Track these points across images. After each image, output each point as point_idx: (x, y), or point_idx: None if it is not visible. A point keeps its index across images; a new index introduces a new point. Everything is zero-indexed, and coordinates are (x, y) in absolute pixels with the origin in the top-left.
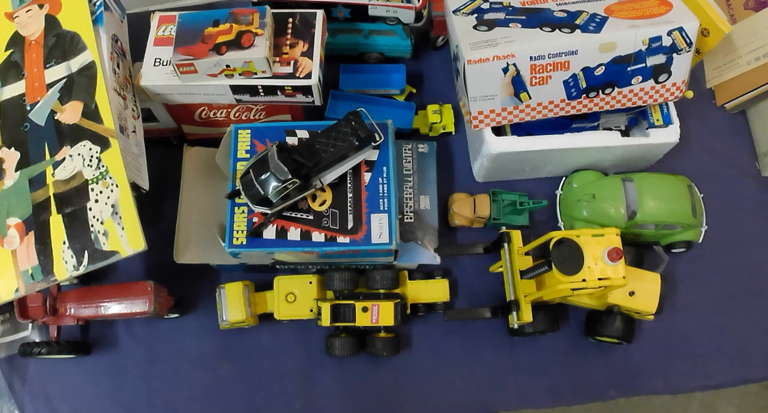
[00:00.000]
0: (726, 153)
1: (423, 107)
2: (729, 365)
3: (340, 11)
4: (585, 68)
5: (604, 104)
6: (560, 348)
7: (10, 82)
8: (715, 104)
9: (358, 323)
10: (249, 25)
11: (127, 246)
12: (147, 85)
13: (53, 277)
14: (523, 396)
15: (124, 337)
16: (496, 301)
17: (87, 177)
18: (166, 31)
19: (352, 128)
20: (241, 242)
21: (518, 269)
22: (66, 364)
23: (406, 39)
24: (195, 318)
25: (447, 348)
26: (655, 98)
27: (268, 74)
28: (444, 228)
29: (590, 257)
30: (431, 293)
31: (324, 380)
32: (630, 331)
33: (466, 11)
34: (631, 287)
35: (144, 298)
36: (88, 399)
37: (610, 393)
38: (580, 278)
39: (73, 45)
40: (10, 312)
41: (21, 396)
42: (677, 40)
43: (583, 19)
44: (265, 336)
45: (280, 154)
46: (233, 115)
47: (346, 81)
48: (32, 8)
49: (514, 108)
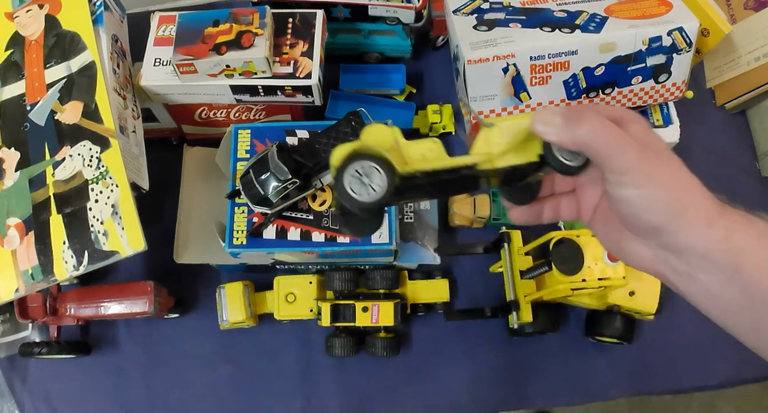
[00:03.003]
0: (726, 153)
1: (423, 107)
2: (729, 365)
3: (340, 11)
4: (585, 68)
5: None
6: (560, 348)
7: (10, 82)
8: (715, 103)
9: (358, 323)
10: (249, 25)
11: (127, 246)
12: (147, 85)
13: (53, 277)
14: (523, 396)
15: (124, 337)
16: (496, 301)
17: (87, 177)
18: (166, 31)
19: (352, 128)
20: (241, 242)
21: (518, 269)
22: (66, 364)
23: (406, 39)
24: (195, 318)
25: (447, 348)
26: (655, 98)
27: (268, 74)
28: (444, 228)
29: (590, 257)
30: (431, 293)
31: (324, 380)
32: (630, 331)
33: (466, 11)
34: (631, 287)
35: (144, 298)
36: (88, 399)
37: (610, 393)
38: (580, 278)
39: (73, 45)
40: (10, 312)
41: (21, 396)
42: (677, 40)
43: (583, 19)
44: (265, 336)
45: (280, 154)
46: (233, 115)
47: (346, 81)
48: (32, 8)
49: (514, 108)
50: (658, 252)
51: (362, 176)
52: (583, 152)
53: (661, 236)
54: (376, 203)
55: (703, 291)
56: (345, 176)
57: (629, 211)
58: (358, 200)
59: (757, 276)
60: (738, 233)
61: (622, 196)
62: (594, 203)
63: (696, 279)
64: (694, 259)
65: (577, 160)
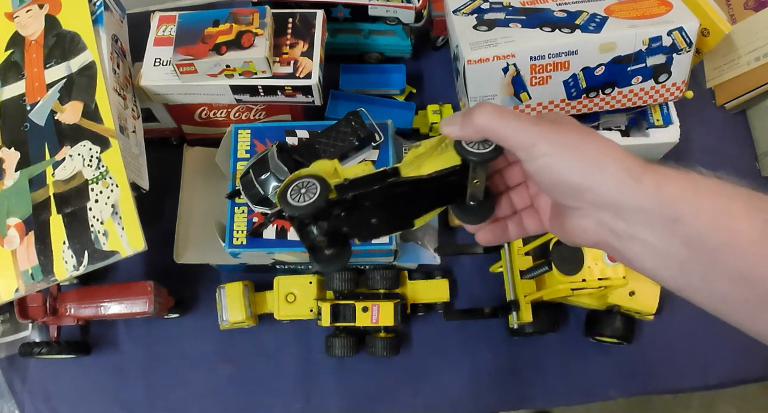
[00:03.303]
0: (726, 153)
1: (423, 107)
2: (729, 365)
3: (340, 11)
4: (585, 68)
5: (604, 104)
6: (560, 348)
7: (10, 82)
8: (715, 103)
9: (358, 323)
10: (249, 25)
11: (127, 246)
12: (147, 85)
13: (53, 277)
14: (523, 396)
15: (124, 337)
16: (496, 301)
17: (87, 177)
18: (166, 31)
19: (352, 128)
20: (241, 242)
21: (518, 269)
22: (66, 364)
23: (406, 39)
24: (195, 318)
25: (447, 348)
26: (655, 98)
27: (268, 74)
28: (444, 228)
29: (590, 257)
30: (431, 293)
31: (324, 380)
32: (630, 331)
33: (466, 11)
34: (631, 287)
35: (144, 298)
36: (88, 399)
37: (610, 393)
38: (580, 278)
39: (73, 45)
40: (10, 311)
41: (21, 395)
42: (677, 40)
43: (583, 19)
44: (265, 336)
45: (280, 154)
46: (233, 115)
47: (346, 81)
48: (32, 8)
49: (514, 108)
50: (597, 218)
51: (302, 188)
52: (488, 138)
53: (587, 194)
54: (311, 206)
55: (646, 251)
56: (288, 191)
57: (550, 179)
58: (296, 206)
59: (696, 225)
60: (670, 185)
61: (538, 168)
62: (549, 206)
63: (637, 238)
64: (629, 215)
65: (487, 147)
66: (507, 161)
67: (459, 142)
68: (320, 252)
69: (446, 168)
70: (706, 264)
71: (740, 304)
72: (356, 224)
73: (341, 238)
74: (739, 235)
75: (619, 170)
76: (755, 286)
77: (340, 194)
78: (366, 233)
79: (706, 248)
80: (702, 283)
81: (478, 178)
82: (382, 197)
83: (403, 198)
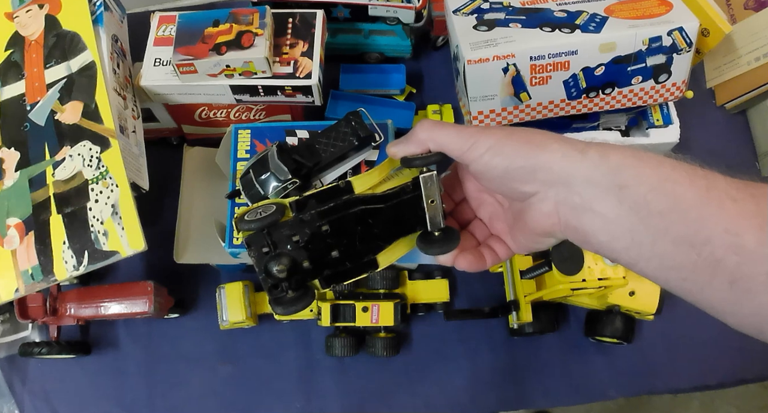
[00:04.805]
0: (726, 153)
1: (423, 107)
2: (729, 365)
3: (340, 11)
4: (585, 68)
5: (604, 104)
6: (560, 348)
7: (10, 82)
8: (715, 103)
9: (358, 323)
10: (249, 25)
11: (127, 246)
12: (147, 85)
13: (53, 277)
14: (522, 396)
15: (124, 337)
16: (496, 301)
17: (87, 177)
18: (166, 31)
19: (352, 128)
20: (241, 242)
21: (518, 269)
22: (66, 364)
23: (406, 39)
24: (195, 318)
25: (447, 348)
26: (655, 98)
27: (268, 74)
28: None
29: (590, 257)
30: (431, 294)
31: (324, 380)
32: (630, 331)
33: (466, 11)
34: (631, 287)
35: (144, 298)
36: (88, 399)
37: (610, 393)
38: (580, 278)
39: (73, 45)
40: (10, 311)
41: (21, 395)
42: (677, 40)
43: (583, 19)
44: (265, 336)
45: (280, 154)
46: (233, 115)
47: (346, 81)
48: (32, 8)
49: (514, 108)
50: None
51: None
52: (431, 149)
53: (539, 172)
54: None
55: (600, 222)
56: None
57: (499, 169)
58: (250, 220)
59: (641, 191)
60: (613, 154)
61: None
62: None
63: (592, 210)
64: (581, 187)
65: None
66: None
67: (407, 160)
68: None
69: (399, 185)
70: (654, 230)
71: (688, 271)
72: (317, 256)
73: (302, 279)
74: (682, 200)
75: (562, 146)
76: (701, 249)
77: (297, 211)
78: (328, 272)
79: (651, 214)
80: (652, 251)
81: (432, 196)
82: (339, 219)
83: (361, 222)
